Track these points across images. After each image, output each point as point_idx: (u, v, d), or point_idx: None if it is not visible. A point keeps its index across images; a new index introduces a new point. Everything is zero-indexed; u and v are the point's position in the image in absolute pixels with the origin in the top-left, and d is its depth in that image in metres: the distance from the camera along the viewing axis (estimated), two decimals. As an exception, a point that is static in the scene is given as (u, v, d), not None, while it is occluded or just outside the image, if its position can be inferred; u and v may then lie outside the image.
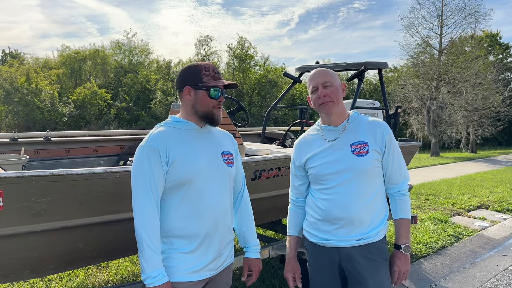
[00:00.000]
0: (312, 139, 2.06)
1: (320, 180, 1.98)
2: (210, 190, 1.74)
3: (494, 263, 4.74)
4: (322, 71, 2.01)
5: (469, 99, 21.47)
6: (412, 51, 22.78)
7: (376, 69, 4.90)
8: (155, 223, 1.64)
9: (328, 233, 1.96)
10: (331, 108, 1.95)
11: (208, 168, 1.74)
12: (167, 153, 1.67)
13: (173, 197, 1.70)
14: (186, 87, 1.76)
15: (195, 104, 1.77)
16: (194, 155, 1.72)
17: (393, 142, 1.98)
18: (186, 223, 1.70)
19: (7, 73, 22.99)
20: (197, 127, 1.80)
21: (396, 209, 2.02)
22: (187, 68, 1.81)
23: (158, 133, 1.72)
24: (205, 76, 1.75)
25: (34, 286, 3.74)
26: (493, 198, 8.22)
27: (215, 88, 1.75)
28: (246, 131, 5.56)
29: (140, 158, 1.67)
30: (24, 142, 3.72)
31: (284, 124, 23.51)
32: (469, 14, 21.42)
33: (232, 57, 28.53)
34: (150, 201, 1.63)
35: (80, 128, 24.74)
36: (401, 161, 2.01)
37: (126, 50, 31.95)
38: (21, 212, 2.12)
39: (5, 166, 2.85)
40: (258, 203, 3.26)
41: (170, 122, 1.80)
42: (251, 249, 2.02)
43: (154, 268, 1.60)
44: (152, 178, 1.64)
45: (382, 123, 2.00)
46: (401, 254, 1.98)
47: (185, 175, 1.68)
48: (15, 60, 28.98)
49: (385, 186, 2.03)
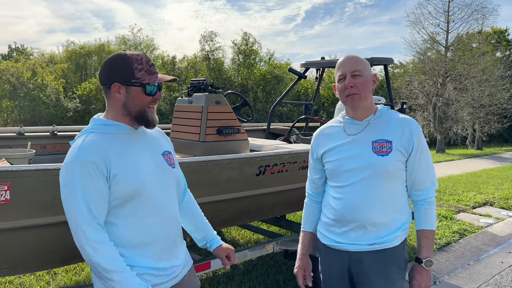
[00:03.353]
0: (332, 131, 1.91)
1: (335, 176, 1.85)
2: (160, 198, 1.55)
3: (499, 260, 4.72)
4: (353, 58, 1.81)
5: (475, 96, 21.30)
6: (418, 47, 22.63)
7: (382, 65, 4.88)
8: (110, 248, 1.41)
9: (339, 235, 1.83)
10: (357, 102, 1.78)
11: (153, 174, 1.54)
12: (107, 166, 1.40)
13: (121, 212, 1.47)
14: (114, 83, 1.48)
15: (127, 104, 1.50)
16: (136, 164, 1.48)
17: (422, 144, 1.79)
18: (140, 236, 1.50)
19: (13, 68, 23.09)
20: (131, 129, 1.54)
21: (419, 218, 1.83)
22: (114, 59, 1.50)
23: (89, 142, 1.43)
24: (138, 70, 1.48)
25: (41, 279, 3.78)
26: (498, 195, 8.18)
27: (152, 84, 1.50)
28: (251, 127, 5.57)
29: (72, 178, 1.37)
30: (30, 136, 3.75)
31: (289, 120, 23.46)
32: (476, 10, 21.19)
33: (237, 52, 28.47)
34: (97, 231, 1.39)
35: (85, 123, 24.75)
36: (429, 165, 1.81)
37: (131, 46, 31.95)
38: (28, 206, 2.15)
39: (12, 160, 2.87)
40: (262, 198, 3.27)
41: (97, 126, 1.51)
42: (215, 239, 1.87)
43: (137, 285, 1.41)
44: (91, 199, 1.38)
45: (412, 122, 1.81)
46: (422, 268, 1.81)
47: (132, 188, 1.45)
48: (22, 55, 29.11)
49: (409, 192, 1.85)
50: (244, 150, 3.46)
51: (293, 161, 3.29)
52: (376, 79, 1.83)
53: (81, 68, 30.26)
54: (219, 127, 3.32)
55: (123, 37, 31.60)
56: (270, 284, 3.79)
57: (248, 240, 5.07)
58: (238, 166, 2.99)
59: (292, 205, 3.68)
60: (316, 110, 25.13)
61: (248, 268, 4.07)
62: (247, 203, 3.25)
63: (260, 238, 5.05)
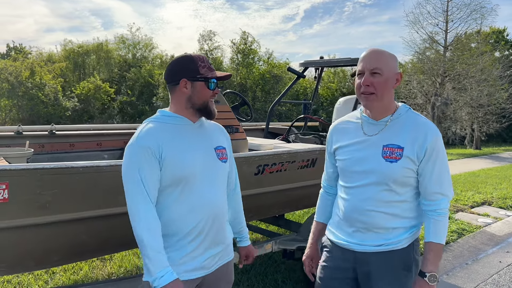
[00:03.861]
0: (349, 127, 1.83)
1: (344, 176, 1.81)
2: (205, 188, 1.68)
3: (497, 259, 4.73)
4: (376, 53, 1.68)
5: (474, 96, 21.33)
6: (417, 47, 22.66)
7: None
8: (155, 223, 1.59)
9: (347, 234, 1.79)
10: (372, 102, 1.68)
11: (202, 165, 1.68)
12: (159, 150, 1.59)
13: (168, 194, 1.64)
14: (182, 79, 1.68)
15: (192, 97, 1.69)
16: (188, 152, 1.65)
17: (436, 151, 1.66)
18: (180, 221, 1.65)
19: (12, 67, 23.05)
20: (189, 123, 1.72)
21: (428, 230, 1.73)
22: (181, 59, 1.72)
23: (147, 129, 1.64)
24: (202, 67, 1.69)
25: (39, 278, 3.78)
26: (496, 195, 8.20)
27: (213, 79, 1.70)
28: (250, 126, 5.56)
29: (131, 159, 1.59)
30: (28, 135, 3.74)
31: (288, 119, 23.46)
32: (475, 10, 21.24)
33: (236, 52, 28.46)
34: (148, 204, 1.58)
35: (83, 122, 24.79)
36: (443, 175, 1.69)
37: (130, 45, 31.92)
38: (26, 205, 2.14)
39: (10, 159, 2.87)
40: (261, 197, 3.26)
41: (160, 117, 1.72)
42: (245, 238, 2.06)
43: (161, 268, 1.55)
44: (146, 179, 1.57)
45: (430, 127, 1.68)
46: (424, 283, 1.68)
47: (179, 174, 1.61)
48: (20, 54, 29.03)
49: (420, 201, 1.75)
50: (243, 149, 3.45)
51: (292, 161, 3.29)
52: (401, 78, 1.70)
53: (80, 67, 30.24)
54: (218, 126, 3.31)
55: (122, 36, 31.58)
56: (268, 284, 3.79)
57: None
58: (236, 165, 2.98)
59: (291, 204, 3.67)
60: (315, 110, 25.13)
61: (247, 268, 4.07)
62: (246, 203, 3.22)
63: (259, 238, 5.05)
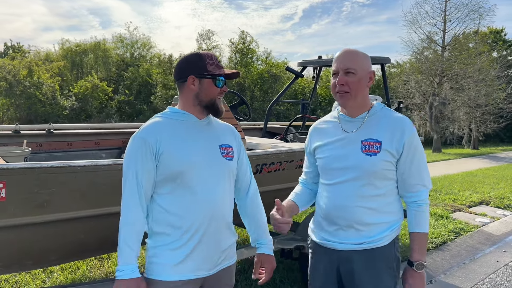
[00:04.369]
0: (327, 126, 1.88)
1: (325, 173, 1.84)
2: (205, 184, 1.65)
3: (494, 259, 4.75)
4: (349, 53, 1.75)
5: (471, 96, 21.38)
6: (415, 47, 22.70)
7: (379, 64, 4.89)
8: (136, 218, 1.59)
9: (329, 233, 1.82)
10: (347, 101, 1.74)
11: (203, 161, 1.65)
12: (157, 144, 1.60)
13: (164, 189, 1.63)
14: (190, 76, 1.68)
15: (200, 94, 1.69)
16: (187, 147, 1.64)
17: (415, 145, 1.73)
18: (177, 217, 1.62)
19: (10, 65, 22.98)
20: (196, 120, 1.72)
21: (411, 220, 1.79)
22: (189, 57, 1.73)
23: (151, 124, 1.67)
24: (210, 65, 1.69)
25: (36, 277, 3.77)
26: (494, 194, 8.22)
27: (220, 76, 1.70)
28: (248, 126, 5.56)
29: (131, 149, 1.63)
30: (26, 134, 3.73)
31: (286, 119, 23.47)
32: (473, 10, 21.31)
33: (234, 51, 28.45)
34: (135, 196, 1.59)
35: (81, 121, 24.75)
36: (421, 167, 1.76)
37: (128, 45, 31.88)
38: (24, 204, 2.14)
39: (7, 158, 2.86)
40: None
41: (168, 113, 1.73)
42: (264, 245, 1.89)
43: (125, 263, 1.56)
44: (140, 171, 1.59)
45: (405, 121, 1.76)
46: (413, 271, 1.75)
47: (176, 168, 1.60)
48: (18, 53, 28.94)
49: (400, 193, 1.81)
50: (241, 148, 3.45)
51: (290, 160, 3.29)
52: (374, 76, 1.78)
53: (77, 66, 30.16)
54: (216, 126, 3.31)
55: (120, 36, 31.52)
56: (266, 283, 3.79)
57: (244, 238, 5.07)
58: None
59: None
60: (313, 109, 25.12)
61: (245, 267, 4.07)
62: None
63: (257, 237, 5.05)
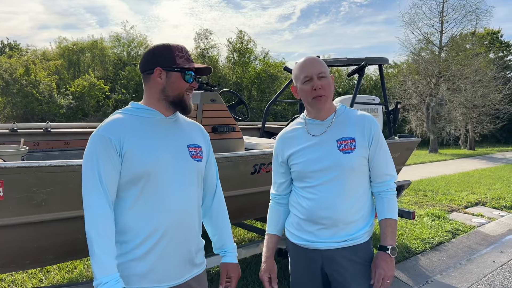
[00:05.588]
0: (295, 133, 1.91)
1: (304, 177, 1.84)
2: (171, 187, 1.52)
3: (491, 259, 4.77)
4: (315, 60, 1.83)
5: (468, 96, 21.46)
6: (412, 48, 22.77)
7: (377, 65, 4.89)
8: (107, 222, 1.42)
9: (310, 234, 1.83)
10: (324, 104, 1.81)
11: (170, 161, 1.52)
12: (120, 143, 1.46)
13: (128, 193, 1.48)
14: (157, 68, 1.54)
15: (166, 88, 1.56)
16: (152, 147, 1.50)
17: (381, 137, 1.86)
18: (141, 222, 1.48)
19: (6, 64, 22.88)
20: (161, 116, 1.58)
21: (382, 208, 1.86)
22: (157, 47, 1.59)
23: (112, 120, 1.51)
24: (179, 57, 1.56)
25: (33, 276, 3.76)
26: (490, 195, 8.26)
27: (189, 70, 1.57)
28: (246, 125, 5.56)
29: (90, 149, 1.46)
30: (23, 133, 3.72)
31: (284, 119, 23.48)
32: (470, 11, 21.39)
33: (232, 51, 28.44)
34: (101, 199, 1.42)
35: (78, 120, 24.66)
36: (388, 158, 1.87)
37: (125, 44, 31.79)
38: (21, 203, 2.13)
39: (4, 157, 2.85)
40: (257, 196, 3.27)
41: (130, 109, 1.58)
42: (229, 253, 1.78)
43: (106, 273, 1.37)
44: (103, 172, 1.43)
45: (369, 117, 1.87)
46: (387, 256, 1.79)
47: (140, 169, 1.46)
48: (15, 51, 28.81)
49: (371, 184, 1.89)
50: (239, 148, 3.45)
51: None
52: (333, 80, 1.88)
53: (74, 64, 30.03)
54: (214, 125, 3.31)
55: (117, 35, 31.42)
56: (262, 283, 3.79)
57: (242, 238, 5.07)
58: (233, 165, 2.99)
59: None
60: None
61: (242, 267, 4.07)
62: (242, 202, 3.24)
63: (254, 237, 5.06)
